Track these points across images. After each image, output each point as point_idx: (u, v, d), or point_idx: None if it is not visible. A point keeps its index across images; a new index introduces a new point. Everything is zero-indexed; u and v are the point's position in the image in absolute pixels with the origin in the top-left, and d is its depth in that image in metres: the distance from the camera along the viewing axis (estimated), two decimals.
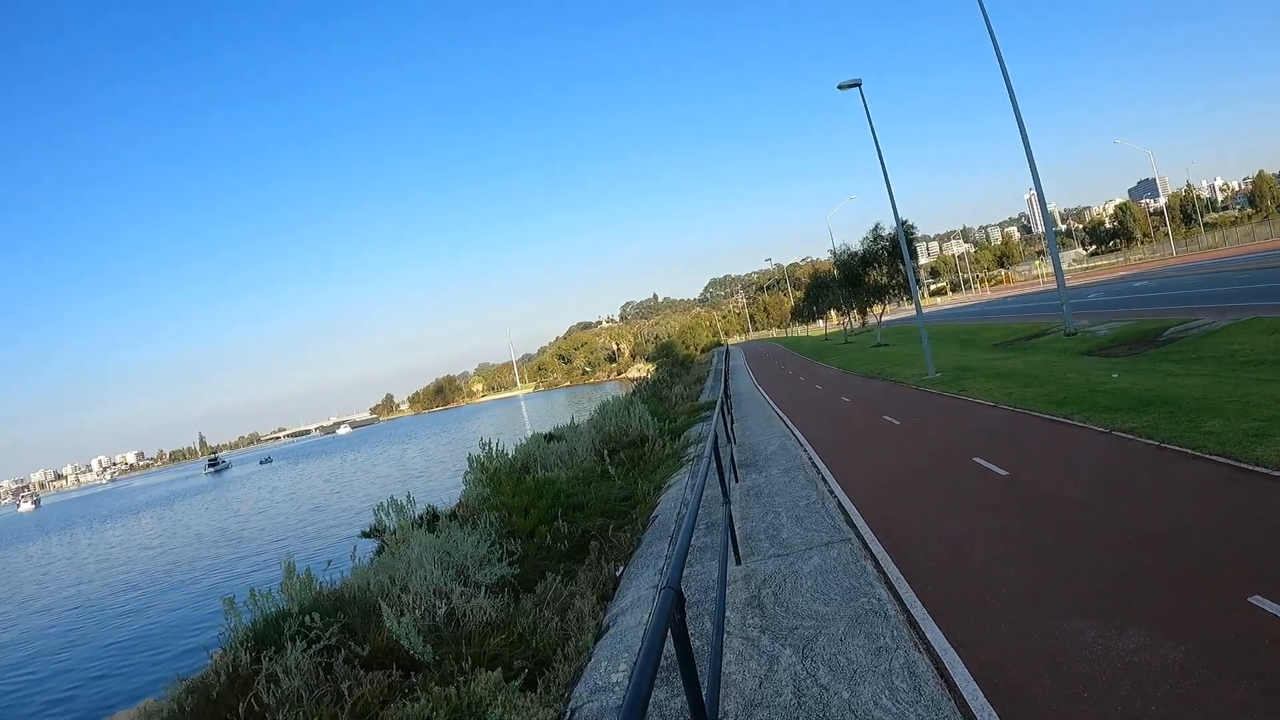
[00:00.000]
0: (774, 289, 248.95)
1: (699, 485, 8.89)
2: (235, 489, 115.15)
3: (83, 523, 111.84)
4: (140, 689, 21.43)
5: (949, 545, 10.11)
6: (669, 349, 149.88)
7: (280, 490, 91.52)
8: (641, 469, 22.50)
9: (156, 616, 32.76)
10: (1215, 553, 7.96)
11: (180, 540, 60.73)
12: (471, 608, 11.32)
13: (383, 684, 9.35)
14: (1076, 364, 26.73)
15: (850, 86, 35.71)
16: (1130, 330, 32.11)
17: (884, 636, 7.46)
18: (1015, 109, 36.04)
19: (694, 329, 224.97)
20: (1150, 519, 9.39)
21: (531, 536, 15.66)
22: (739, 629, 8.31)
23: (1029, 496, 11.62)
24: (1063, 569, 8.33)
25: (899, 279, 67.63)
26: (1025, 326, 47.36)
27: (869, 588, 8.86)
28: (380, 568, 13.71)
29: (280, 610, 11.77)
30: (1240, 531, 8.38)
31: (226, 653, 11.12)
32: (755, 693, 6.83)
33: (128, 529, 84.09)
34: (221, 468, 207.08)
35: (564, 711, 7.75)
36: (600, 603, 11.44)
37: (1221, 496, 9.79)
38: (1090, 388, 19.88)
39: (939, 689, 6.29)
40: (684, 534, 5.94)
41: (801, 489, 15.20)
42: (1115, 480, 11.54)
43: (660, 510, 16.39)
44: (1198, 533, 8.62)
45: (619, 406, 31.49)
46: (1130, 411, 15.81)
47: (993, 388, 23.91)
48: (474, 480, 20.81)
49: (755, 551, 11.32)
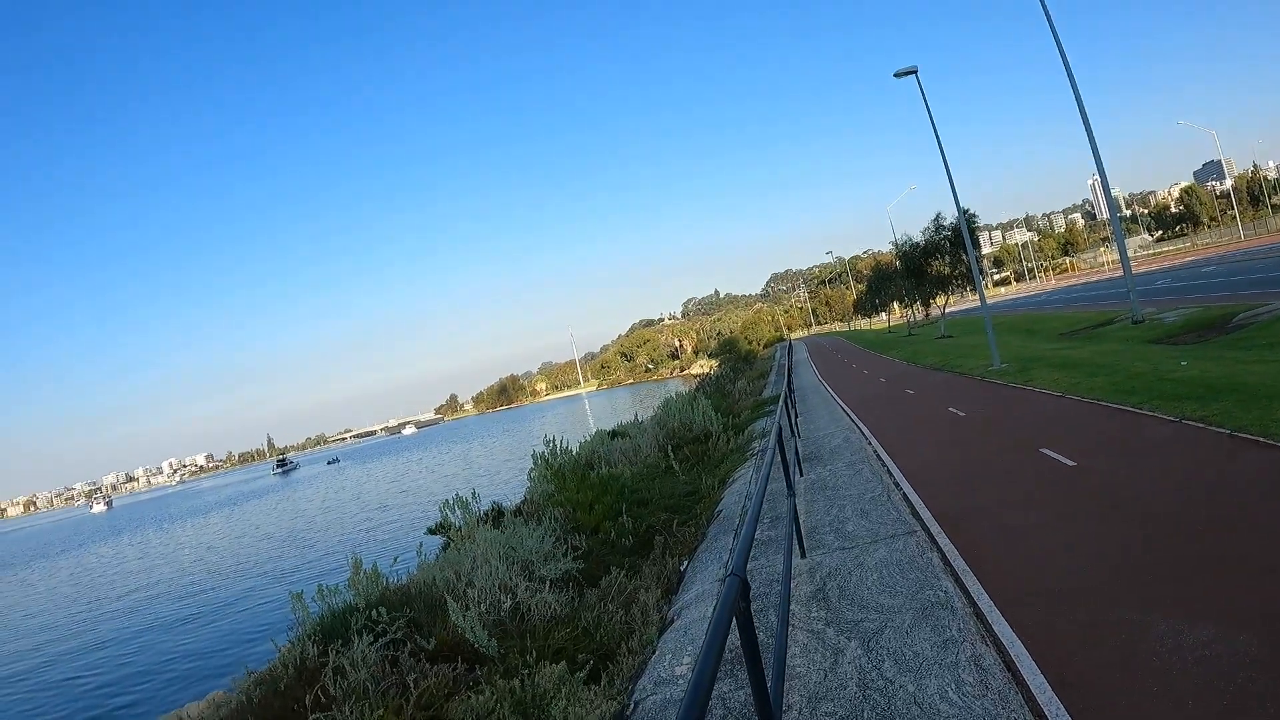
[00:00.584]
0: (835, 282, 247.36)
1: (763, 476, 8.85)
2: (303, 489, 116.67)
3: (153, 523, 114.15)
4: (209, 682, 21.83)
5: (1016, 537, 9.96)
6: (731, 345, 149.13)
7: (347, 490, 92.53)
8: (705, 464, 22.46)
9: (225, 612, 33.36)
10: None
11: (248, 539, 61.78)
12: (536, 602, 11.36)
13: (448, 677, 9.41)
14: (1144, 352, 26.23)
15: (906, 74, 35.38)
16: (1198, 317, 31.46)
17: (950, 629, 7.36)
18: (1075, 91, 35.45)
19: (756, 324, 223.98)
20: (1223, 509, 9.17)
21: (596, 532, 15.67)
22: (803, 622, 8.25)
23: (1097, 487, 11.40)
24: (1132, 560, 8.16)
25: (962, 269, 66.96)
26: (1091, 315, 46.58)
27: (935, 580, 8.75)
28: (446, 563, 13.81)
29: (347, 605, 11.90)
30: None
31: (294, 646, 11.25)
32: (819, 685, 6.78)
33: (197, 529, 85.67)
34: (289, 468, 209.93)
35: (628, 704, 7.75)
36: (664, 597, 11.44)
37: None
38: (1158, 376, 19.50)
39: (1006, 682, 6.19)
40: (749, 524, 5.90)
41: (866, 482, 15.07)
42: (1186, 470, 11.27)
43: (724, 505, 16.35)
44: (1269, 522, 8.40)
45: (682, 402, 31.48)
46: (1200, 400, 15.47)
47: (1059, 378, 23.55)
48: (538, 477, 20.89)
49: (820, 545, 11.24)
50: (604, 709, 7.57)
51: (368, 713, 8.66)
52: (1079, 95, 35.36)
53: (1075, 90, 35.37)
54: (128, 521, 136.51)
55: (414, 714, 8.55)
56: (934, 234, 69.08)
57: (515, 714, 7.95)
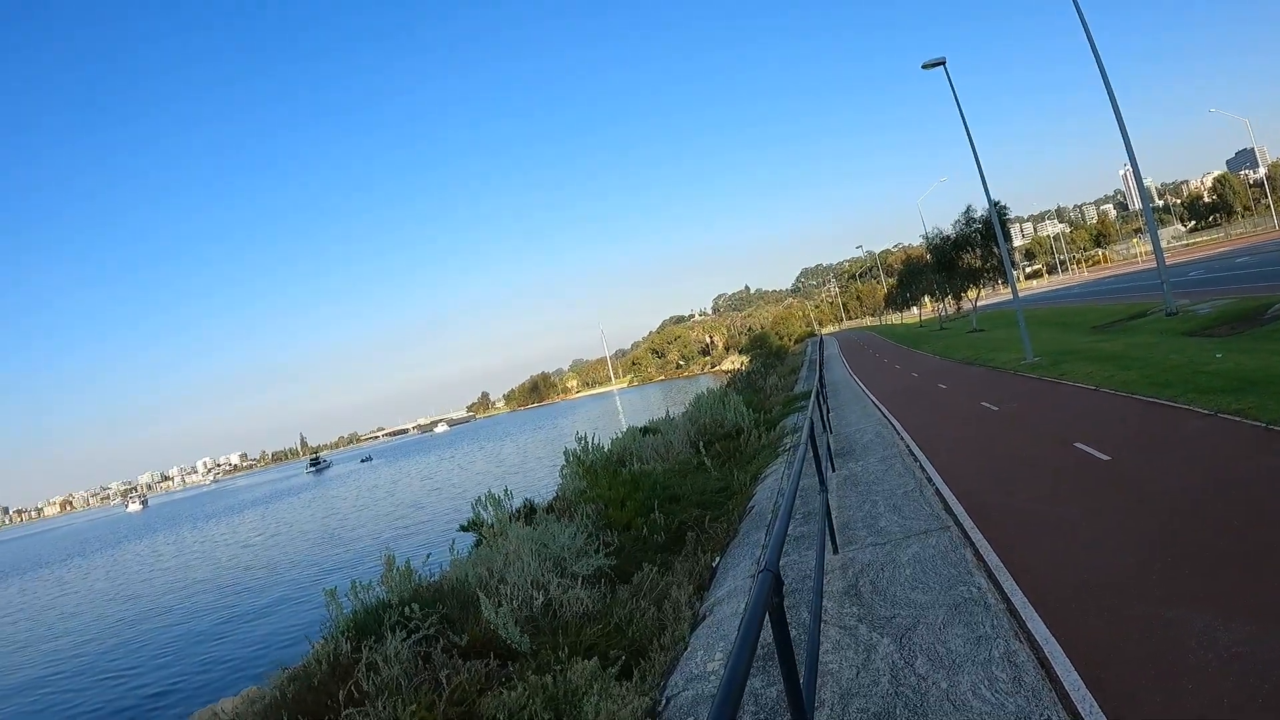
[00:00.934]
0: (866, 277, 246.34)
1: (795, 471, 8.82)
2: (336, 487, 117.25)
3: (188, 522, 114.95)
4: (243, 677, 22.02)
5: (1050, 533, 9.88)
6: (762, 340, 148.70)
7: (379, 488, 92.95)
8: (737, 460, 22.41)
9: (260, 609, 33.61)
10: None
11: (283, 536, 62.16)
12: (568, 598, 11.37)
13: (480, 673, 9.43)
14: (1178, 345, 25.94)
15: (934, 66, 35.15)
16: (1233, 308, 31.06)
17: (983, 626, 7.32)
18: (1105, 81, 35.07)
19: (787, 320, 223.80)
20: (1259, 504, 9.05)
21: (628, 529, 15.67)
22: (835, 618, 8.22)
23: (1132, 482, 11.30)
24: (1168, 556, 8.07)
25: (993, 262, 66.56)
26: (1125, 308, 46.11)
27: (968, 576, 8.71)
28: (478, 560, 13.86)
29: (380, 601, 11.96)
30: None
31: (328, 642, 11.31)
32: (852, 682, 6.76)
33: (232, 527, 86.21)
34: (322, 467, 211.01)
35: (660, 700, 7.75)
36: (696, 593, 11.43)
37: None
38: (1193, 369, 19.30)
39: (1040, 679, 6.15)
40: (781, 518, 5.89)
41: (899, 477, 15.02)
42: (1222, 464, 11.14)
43: (756, 500, 16.32)
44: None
45: (713, 399, 31.42)
46: (1235, 393, 15.31)
47: (1093, 371, 23.37)
48: (570, 474, 20.94)
49: (852, 540, 11.20)
50: (636, 705, 7.57)
51: (400, 708, 8.69)
52: (1109, 85, 35.01)
53: (1105, 80, 35.03)
54: (163, 520, 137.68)
55: (446, 710, 8.58)
56: (964, 227, 68.73)
57: (547, 710, 7.97)
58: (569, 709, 7.95)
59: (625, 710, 7.47)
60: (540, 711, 7.93)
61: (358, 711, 8.98)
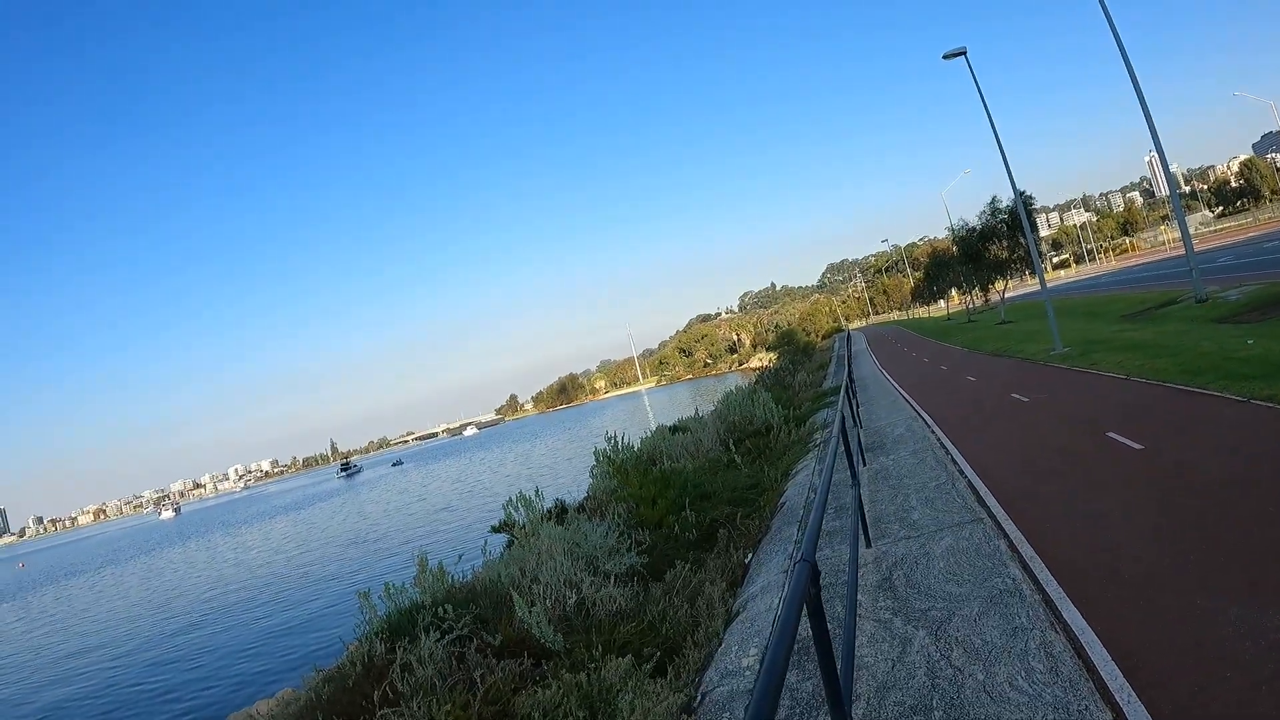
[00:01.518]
0: (892, 271, 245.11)
1: (828, 465, 8.81)
2: (367, 491, 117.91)
3: (220, 528, 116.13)
4: (278, 680, 22.19)
5: (1084, 523, 9.82)
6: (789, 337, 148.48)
7: (410, 491, 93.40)
8: (767, 457, 22.38)
9: (295, 613, 33.90)
10: None
11: (315, 541, 62.58)
12: (601, 597, 11.38)
13: (514, 672, 9.46)
14: (1209, 332, 25.71)
15: (955, 55, 35.02)
16: (1263, 294, 30.73)
17: (1019, 617, 7.28)
18: (1129, 67, 34.70)
19: (813, 316, 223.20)
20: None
21: (659, 526, 15.67)
22: (870, 612, 8.20)
23: (1166, 471, 11.22)
24: (1204, 545, 8.00)
25: (1020, 252, 66.25)
26: (1153, 296, 45.71)
27: (1003, 568, 8.67)
28: (510, 560, 13.89)
29: (414, 602, 12.01)
30: None
31: (362, 644, 11.36)
32: (888, 675, 6.74)
33: (264, 533, 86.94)
34: (353, 472, 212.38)
35: (695, 695, 7.75)
36: (730, 589, 11.42)
37: None
38: (1224, 356, 19.13)
39: (1077, 669, 6.11)
40: (816, 511, 5.88)
41: (931, 470, 14.96)
42: (1254, 451, 11.05)
43: (788, 496, 16.29)
44: None
45: (742, 396, 31.36)
46: (1267, 378, 15.17)
47: (1123, 360, 23.21)
48: (601, 473, 20.95)
49: (885, 534, 11.17)
50: (671, 701, 7.57)
51: (435, 708, 8.73)
52: (1133, 72, 34.68)
53: (1129, 67, 34.69)
54: (196, 527, 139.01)
55: (481, 709, 8.61)
56: (990, 218, 68.45)
57: (582, 707, 7.98)
58: (604, 706, 7.95)
59: (660, 707, 7.47)
60: (575, 709, 7.94)
61: (393, 712, 9.02)
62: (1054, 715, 5.51)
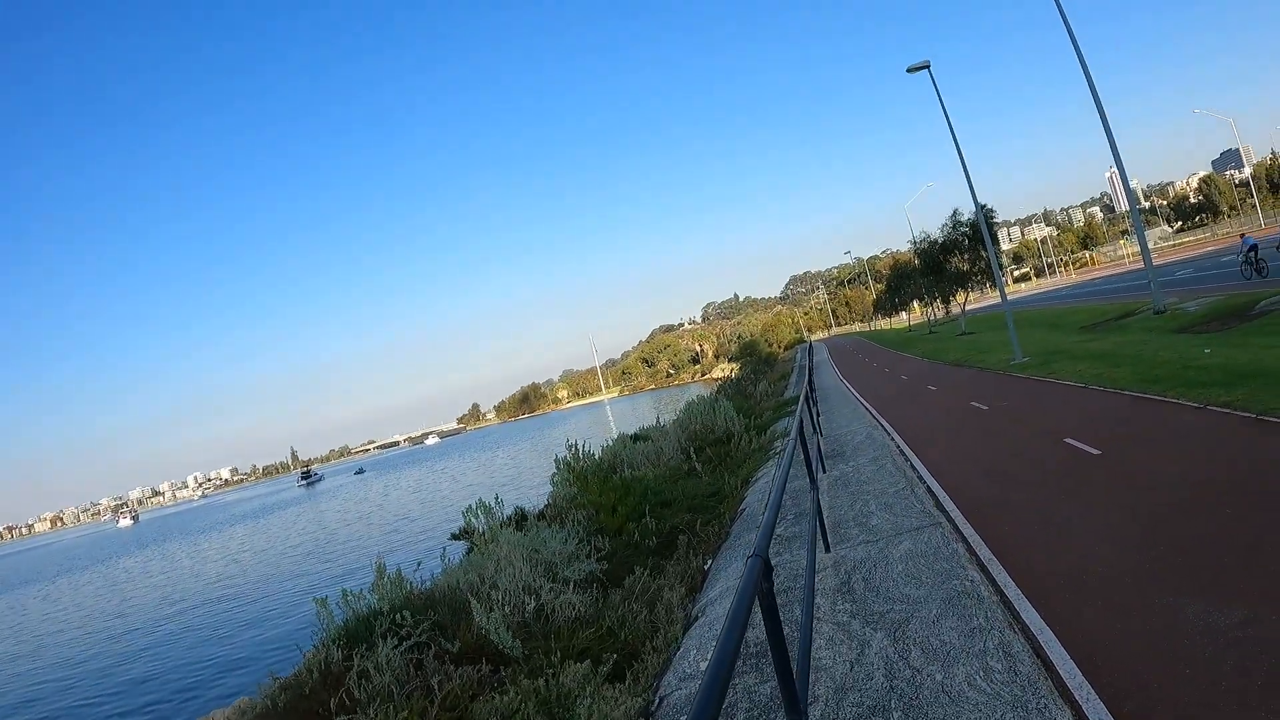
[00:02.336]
0: (855, 283, 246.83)
1: (785, 463, 8.81)
2: (328, 500, 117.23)
3: (179, 536, 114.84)
4: (235, 689, 21.93)
5: (1042, 526, 9.88)
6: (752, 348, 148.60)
7: (370, 500, 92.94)
8: (728, 465, 22.45)
9: (253, 622, 33.56)
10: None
11: (275, 550, 62.06)
12: (560, 603, 11.34)
13: (472, 678, 9.41)
14: (1167, 342, 26.04)
15: (919, 69, 35.27)
16: (1221, 305, 31.19)
17: (977, 618, 7.29)
18: (1091, 84, 35.16)
19: (776, 327, 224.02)
20: (1251, 493, 9.05)
21: (619, 534, 15.66)
22: (829, 615, 8.20)
23: (1123, 474, 11.32)
24: (1161, 545, 8.06)
25: (981, 265, 66.71)
26: (1113, 308, 46.24)
27: (961, 570, 8.69)
28: (469, 566, 13.82)
29: (372, 609, 11.90)
30: None
31: (319, 651, 11.26)
32: (846, 677, 6.73)
33: (223, 541, 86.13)
34: (314, 480, 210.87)
35: (653, 700, 7.72)
36: (689, 595, 11.42)
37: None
38: (1182, 364, 19.36)
39: (1035, 668, 6.12)
40: (771, 508, 5.87)
41: (890, 476, 15.01)
42: (1210, 455, 11.18)
43: (748, 503, 16.33)
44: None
45: (704, 405, 31.46)
46: (1225, 386, 15.36)
47: (1082, 369, 23.44)
48: (561, 480, 20.89)
49: (845, 539, 11.18)
50: (629, 705, 7.54)
51: (392, 715, 8.67)
52: (1094, 88, 35.12)
53: (1091, 83, 35.12)
54: (154, 536, 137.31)
55: (439, 715, 8.56)
56: (952, 230, 68.86)
57: (540, 713, 7.93)
58: (562, 712, 7.92)
59: (618, 711, 7.43)
60: (533, 715, 7.90)
61: (349, 719, 8.93)
62: (1013, 714, 5.51)
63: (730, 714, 6.61)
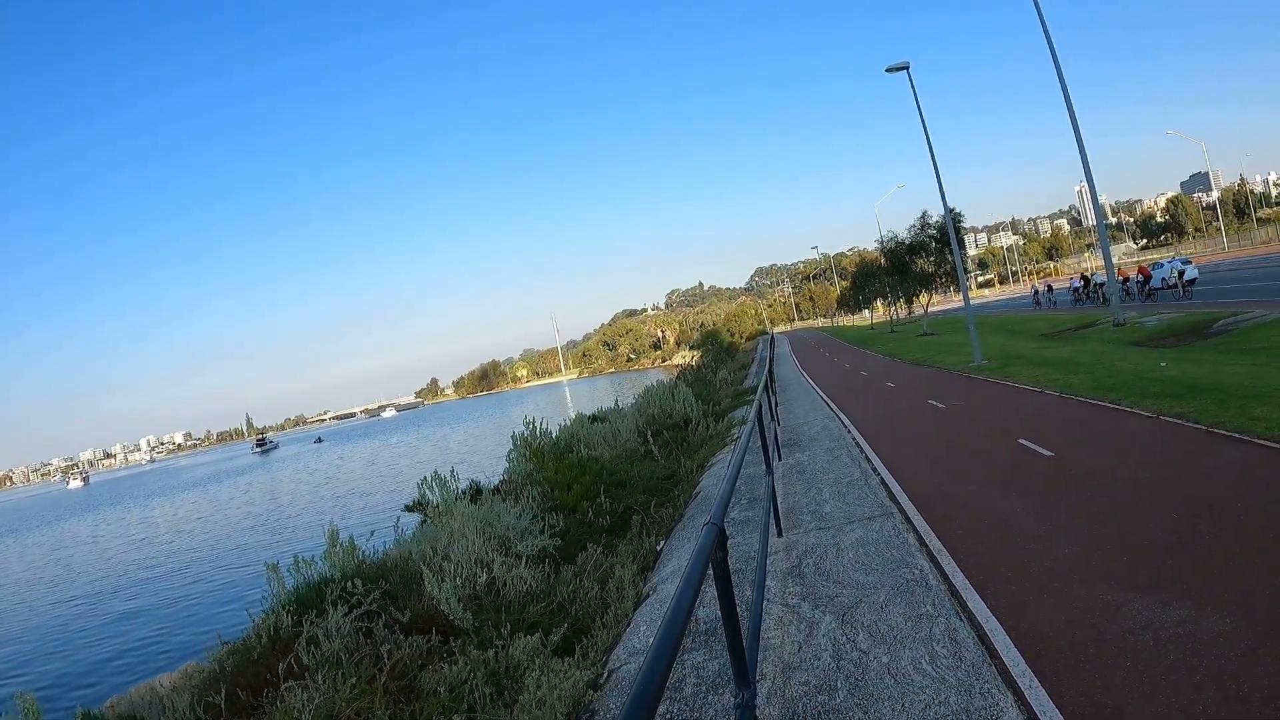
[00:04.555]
0: (820, 278, 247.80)
1: (742, 445, 8.87)
2: (283, 468, 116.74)
3: (130, 499, 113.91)
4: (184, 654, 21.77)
5: (992, 520, 10.03)
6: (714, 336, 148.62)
7: (325, 470, 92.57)
8: (685, 449, 22.54)
9: (203, 588, 33.38)
10: (1261, 530, 7.82)
11: (228, 515, 61.75)
12: (512, 577, 11.37)
13: (422, 648, 9.42)
14: (1125, 353, 26.44)
15: (898, 70, 35.38)
16: (1180, 321, 31.72)
17: (925, 605, 7.41)
18: (1067, 99, 35.56)
19: (739, 317, 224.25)
20: (1194, 497, 9.28)
21: (574, 512, 15.70)
22: (779, 596, 8.29)
23: (1074, 475, 11.50)
24: (1106, 543, 8.23)
25: (946, 267, 67.16)
26: (1073, 317, 46.85)
27: (911, 559, 8.81)
28: (422, 538, 13.84)
29: (323, 576, 11.90)
30: None
31: (269, 616, 11.24)
32: (794, 656, 6.81)
33: (175, 505, 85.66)
34: (269, 448, 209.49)
35: (601, 673, 7.78)
36: (641, 573, 11.47)
37: (1268, 478, 9.63)
38: (1138, 375, 19.64)
39: (980, 655, 6.23)
40: (728, 481, 5.89)
41: (845, 467, 15.15)
42: (1161, 461, 11.42)
43: (703, 487, 16.40)
44: (1243, 511, 8.48)
45: (663, 390, 31.55)
46: (1178, 398, 15.61)
47: (1039, 374, 23.71)
48: (517, 457, 20.88)
49: (797, 525, 11.29)
50: (578, 678, 7.58)
51: (341, 681, 8.66)
52: (1070, 103, 35.50)
53: (1067, 98, 35.50)
54: (105, 498, 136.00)
55: (387, 683, 8.56)
56: (919, 231, 69.27)
57: (489, 683, 7.96)
58: (510, 683, 7.95)
59: (567, 683, 7.47)
60: (481, 685, 7.93)
61: (297, 684, 8.93)
62: (957, 697, 5.61)
63: (679, 687, 6.68)
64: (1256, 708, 4.90)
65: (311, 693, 8.61)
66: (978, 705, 5.49)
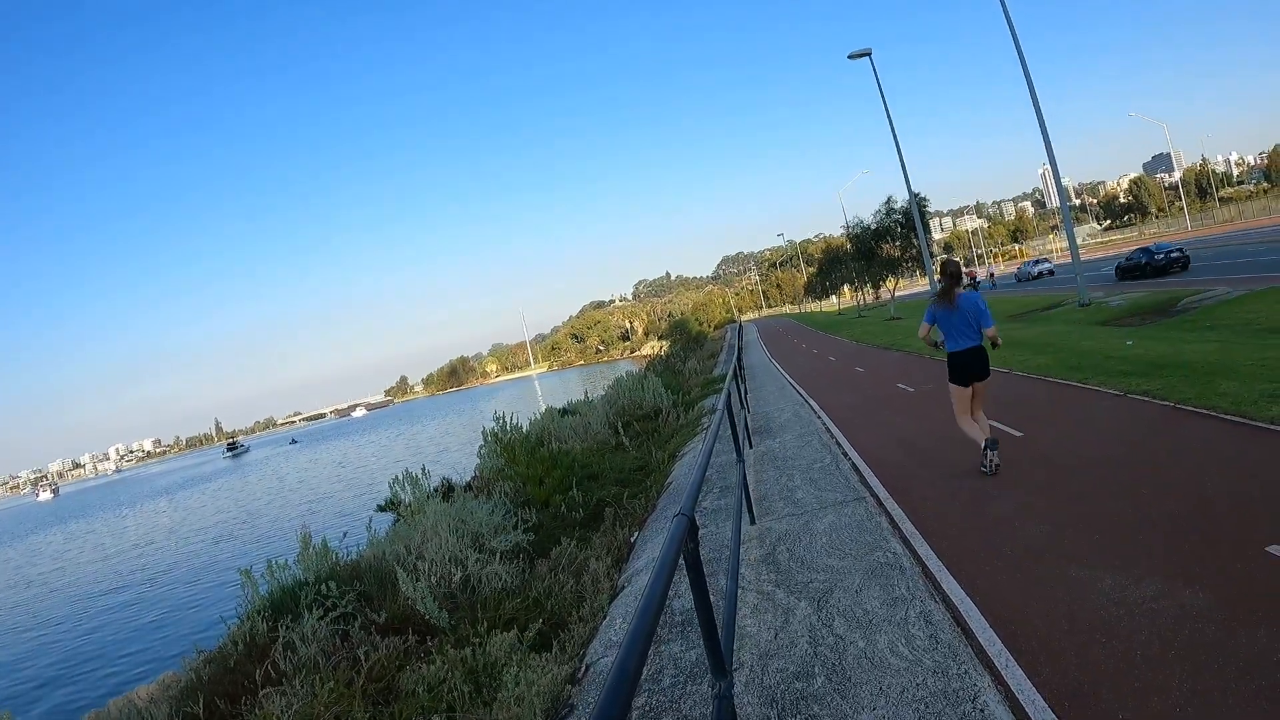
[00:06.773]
0: (787, 265, 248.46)
1: (712, 433, 8.84)
2: (255, 472, 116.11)
3: (101, 510, 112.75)
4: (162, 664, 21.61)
5: (964, 502, 10.08)
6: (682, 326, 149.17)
7: (297, 473, 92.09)
8: (656, 440, 22.57)
9: (178, 596, 33.05)
10: (1230, 505, 7.88)
11: (198, 522, 61.25)
12: (487, 574, 11.36)
13: (399, 649, 9.40)
14: (1091, 333, 26.63)
15: (860, 56, 35.64)
16: (1144, 300, 32.01)
17: (900, 588, 7.44)
18: (1029, 82, 35.74)
19: (707, 306, 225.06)
20: (1163, 473, 9.34)
21: (546, 506, 15.71)
22: (753, 584, 8.30)
23: (1042, 455, 11.57)
24: (1078, 522, 8.28)
25: (912, 252, 67.62)
26: (1039, 299, 47.15)
27: (884, 542, 8.84)
28: (396, 537, 13.79)
29: (297, 580, 11.85)
30: (1255, 485, 8.29)
31: (244, 623, 11.21)
32: (770, 644, 6.82)
33: (148, 514, 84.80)
34: (240, 452, 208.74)
35: (579, 667, 7.78)
36: (615, 566, 11.46)
37: (1235, 452, 9.71)
38: (1104, 354, 19.77)
39: (956, 636, 6.26)
40: (698, 470, 5.88)
41: (816, 453, 15.19)
42: (1129, 439, 11.48)
43: (674, 477, 16.40)
44: (1212, 486, 8.55)
45: (632, 381, 31.58)
46: (1144, 375, 15.72)
47: (1007, 356, 23.75)
48: (489, 452, 20.86)
49: (770, 512, 11.31)
50: (556, 673, 7.58)
51: (318, 685, 8.63)
52: (1032, 85, 35.68)
53: (1029, 80, 35.66)
54: (75, 509, 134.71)
55: (365, 685, 8.54)
56: (885, 216, 69.65)
57: (467, 681, 7.94)
58: (488, 680, 7.93)
59: (545, 678, 7.46)
60: (460, 684, 7.91)
61: (275, 690, 8.90)
62: (934, 679, 5.63)
63: (657, 679, 6.68)
64: (1232, 680, 4.95)
65: (290, 698, 8.58)
66: (955, 686, 5.51)
